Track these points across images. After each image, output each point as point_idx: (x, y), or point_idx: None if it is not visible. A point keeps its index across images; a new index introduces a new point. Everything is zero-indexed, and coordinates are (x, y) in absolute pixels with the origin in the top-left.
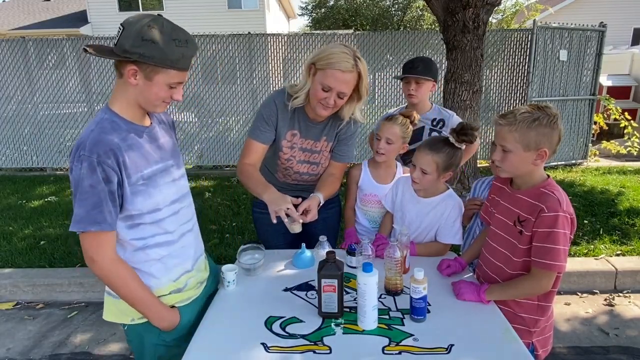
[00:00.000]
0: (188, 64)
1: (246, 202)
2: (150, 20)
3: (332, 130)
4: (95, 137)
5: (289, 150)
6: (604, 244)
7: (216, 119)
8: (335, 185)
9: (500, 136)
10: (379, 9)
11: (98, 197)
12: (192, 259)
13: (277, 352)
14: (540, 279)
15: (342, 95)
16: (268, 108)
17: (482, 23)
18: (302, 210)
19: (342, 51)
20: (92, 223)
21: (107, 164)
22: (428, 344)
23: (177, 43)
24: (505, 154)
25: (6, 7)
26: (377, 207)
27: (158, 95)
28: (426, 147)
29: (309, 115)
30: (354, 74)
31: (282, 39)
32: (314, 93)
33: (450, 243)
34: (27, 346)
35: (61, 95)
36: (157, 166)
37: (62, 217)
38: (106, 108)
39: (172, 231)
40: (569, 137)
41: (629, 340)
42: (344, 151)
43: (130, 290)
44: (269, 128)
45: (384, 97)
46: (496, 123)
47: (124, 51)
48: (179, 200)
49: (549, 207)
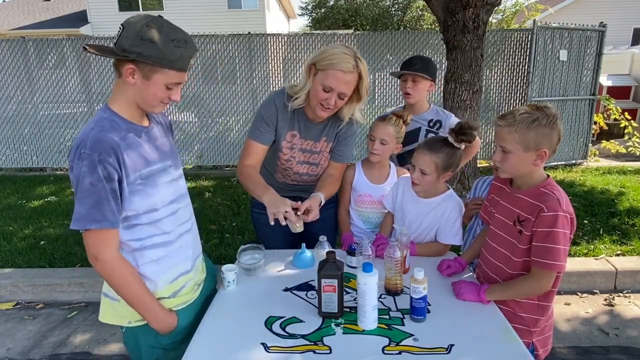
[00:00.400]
0: (186, 65)
1: (246, 202)
2: (149, 20)
3: (331, 130)
4: (95, 135)
5: (289, 151)
6: (604, 244)
7: (216, 119)
8: (335, 185)
9: (500, 137)
10: (379, 9)
11: (98, 195)
12: (190, 259)
13: (277, 352)
14: (540, 278)
15: (343, 95)
16: (268, 109)
17: (482, 23)
18: (303, 209)
19: (343, 52)
20: (93, 221)
21: (108, 162)
22: (428, 344)
23: (176, 43)
24: (505, 154)
25: (6, 7)
26: (372, 207)
27: (156, 95)
28: (425, 147)
29: (308, 116)
30: (354, 74)
31: (282, 39)
32: (314, 94)
33: (450, 244)
34: (27, 346)
35: (61, 95)
36: (155, 166)
37: (62, 217)
38: (105, 107)
39: (169, 231)
40: (569, 137)
41: (629, 340)
42: (343, 151)
43: (131, 290)
44: (269, 129)
45: (384, 97)
46: (496, 124)
47: (122, 50)
48: (176, 201)
49: (548, 207)
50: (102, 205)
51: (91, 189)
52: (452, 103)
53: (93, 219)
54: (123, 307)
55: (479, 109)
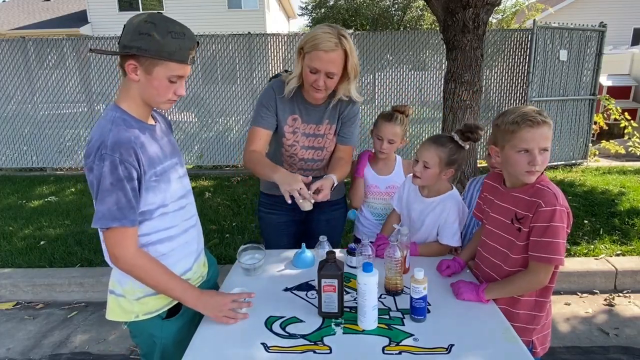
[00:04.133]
0: (186, 56)
1: (246, 202)
2: (148, 16)
3: (333, 112)
4: (115, 135)
5: (292, 135)
6: (604, 244)
7: (216, 119)
8: (346, 168)
9: (545, 137)
10: (379, 9)
11: (118, 194)
12: (195, 253)
13: (277, 352)
14: (538, 272)
15: (332, 75)
16: (266, 94)
17: (482, 23)
18: (314, 188)
19: (325, 31)
20: (113, 219)
21: (129, 162)
22: (428, 344)
23: (174, 35)
24: (545, 154)
25: (6, 7)
26: (379, 198)
27: (159, 89)
28: (431, 141)
29: (307, 99)
30: (338, 51)
31: (282, 39)
32: (305, 77)
33: (448, 244)
34: (27, 346)
35: (61, 95)
36: (167, 162)
37: (62, 217)
38: (115, 106)
39: (175, 226)
40: (569, 137)
41: (629, 340)
42: (349, 133)
43: (157, 278)
44: (269, 113)
45: (384, 97)
46: (541, 124)
47: (123, 47)
48: (184, 197)
49: (546, 202)
50: (122, 204)
51: (112, 188)
52: (452, 103)
53: (114, 218)
54: (129, 303)
55: (479, 109)
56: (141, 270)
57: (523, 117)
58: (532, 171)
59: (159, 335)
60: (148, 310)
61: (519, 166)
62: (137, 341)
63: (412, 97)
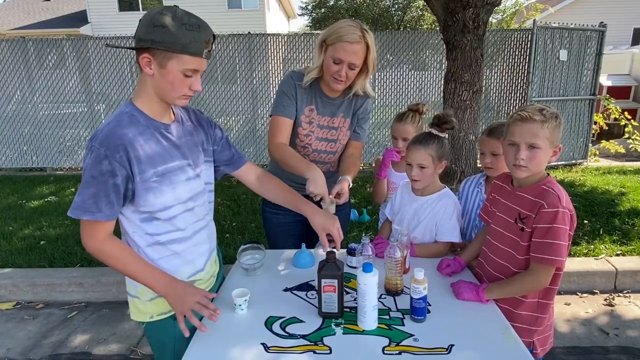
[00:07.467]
0: (201, 49)
1: (246, 202)
2: (163, 9)
3: (348, 106)
4: (109, 130)
5: (308, 125)
6: (604, 244)
7: (216, 119)
8: (357, 165)
9: (532, 133)
10: (379, 9)
11: (97, 188)
12: (206, 254)
13: (277, 352)
14: (539, 274)
15: (353, 66)
16: (287, 83)
17: (482, 23)
18: (335, 193)
19: (349, 24)
20: (86, 212)
21: (115, 158)
22: (428, 344)
23: (188, 27)
24: (534, 151)
25: (6, 7)
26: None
27: (174, 84)
28: (416, 143)
29: (325, 92)
30: (361, 44)
31: (282, 39)
32: (327, 68)
33: (449, 241)
34: (27, 346)
35: (61, 95)
36: (172, 164)
37: (62, 217)
38: (128, 102)
39: (184, 228)
40: (569, 137)
41: (629, 340)
42: (362, 129)
43: (125, 264)
44: (290, 102)
45: (384, 97)
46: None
47: (138, 40)
48: (192, 199)
49: (548, 203)
50: (98, 198)
51: (91, 181)
52: (452, 103)
53: (87, 210)
54: (142, 304)
55: (479, 109)
56: (108, 257)
57: (517, 111)
58: (518, 165)
59: (172, 336)
60: (162, 311)
61: (508, 159)
62: (152, 342)
63: (412, 97)
